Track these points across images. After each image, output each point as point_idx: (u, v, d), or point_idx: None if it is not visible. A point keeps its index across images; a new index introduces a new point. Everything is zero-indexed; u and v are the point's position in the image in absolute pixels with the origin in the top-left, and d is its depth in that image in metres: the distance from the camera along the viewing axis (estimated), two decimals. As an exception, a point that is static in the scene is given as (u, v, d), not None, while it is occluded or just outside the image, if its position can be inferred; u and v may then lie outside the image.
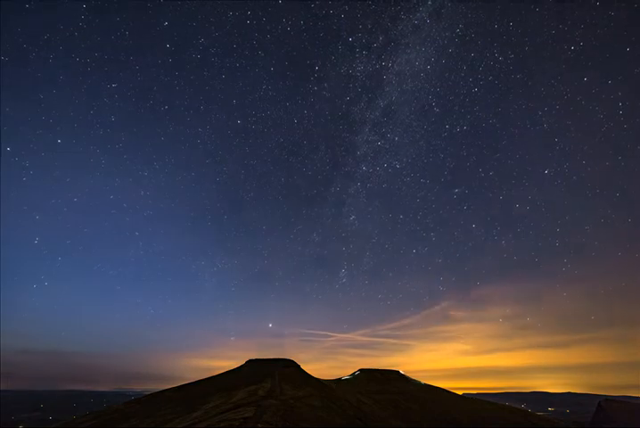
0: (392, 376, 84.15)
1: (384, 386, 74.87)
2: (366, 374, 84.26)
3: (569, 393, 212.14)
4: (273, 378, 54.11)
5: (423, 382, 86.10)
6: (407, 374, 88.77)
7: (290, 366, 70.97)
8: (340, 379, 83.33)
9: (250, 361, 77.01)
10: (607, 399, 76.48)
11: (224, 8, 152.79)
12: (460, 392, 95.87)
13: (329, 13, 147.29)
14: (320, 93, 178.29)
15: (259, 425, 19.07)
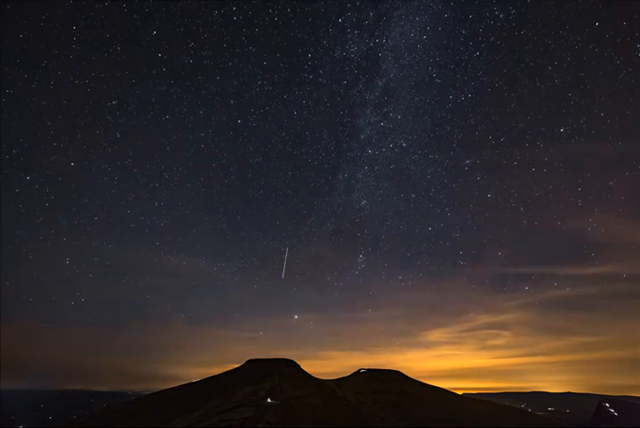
0: (392, 376, 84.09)
1: (384, 386, 74.85)
2: (366, 374, 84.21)
3: (569, 393, 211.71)
4: (273, 378, 54.15)
5: (424, 381, 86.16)
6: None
7: (290, 366, 70.99)
8: (340, 379, 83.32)
9: (250, 361, 76.95)
10: (607, 398, 76.30)
11: (208, 8, 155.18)
12: (460, 392, 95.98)
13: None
14: (316, 80, 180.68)
15: (259, 425, 19.07)
